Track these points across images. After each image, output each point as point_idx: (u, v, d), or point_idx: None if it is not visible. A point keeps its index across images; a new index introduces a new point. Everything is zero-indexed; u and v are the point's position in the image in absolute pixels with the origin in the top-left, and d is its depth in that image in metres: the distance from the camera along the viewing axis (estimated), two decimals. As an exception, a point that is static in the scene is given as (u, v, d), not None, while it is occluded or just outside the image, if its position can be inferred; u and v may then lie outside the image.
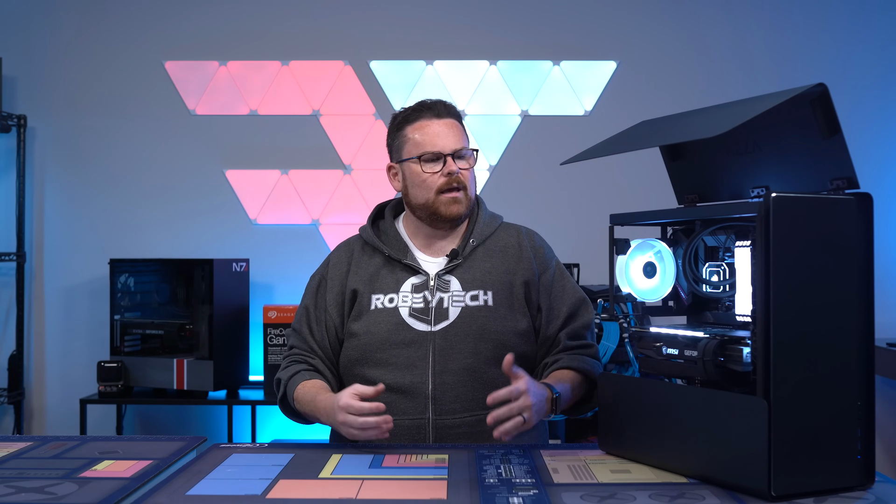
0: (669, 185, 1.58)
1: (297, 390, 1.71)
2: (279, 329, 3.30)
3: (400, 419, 1.67)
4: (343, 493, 1.23)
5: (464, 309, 1.72)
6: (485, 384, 1.68)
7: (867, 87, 3.57)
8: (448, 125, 1.77)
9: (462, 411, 1.68)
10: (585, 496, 1.20)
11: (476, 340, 1.70)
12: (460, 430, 1.68)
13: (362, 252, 1.82)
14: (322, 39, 3.65)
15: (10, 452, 1.48)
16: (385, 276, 1.77)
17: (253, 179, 3.65)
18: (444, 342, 1.70)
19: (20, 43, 3.64)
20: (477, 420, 1.67)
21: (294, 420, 1.79)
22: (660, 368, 1.38)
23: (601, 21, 3.63)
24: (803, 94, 1.22)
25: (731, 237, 1.39)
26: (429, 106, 1.80)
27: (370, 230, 1.83)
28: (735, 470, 1.21)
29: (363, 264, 1.80)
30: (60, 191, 3.67)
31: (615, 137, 1.52)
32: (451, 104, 1.82)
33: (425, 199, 1.76)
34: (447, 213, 1.75)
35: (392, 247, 1.80)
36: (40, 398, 3.65)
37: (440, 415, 1.68)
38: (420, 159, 1.75)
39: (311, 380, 1.73)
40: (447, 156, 1.74)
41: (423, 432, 1.68)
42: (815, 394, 1.18)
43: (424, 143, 1.75)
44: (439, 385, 1.68)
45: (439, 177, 1.74)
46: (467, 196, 1.76)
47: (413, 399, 1.68)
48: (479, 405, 1.65)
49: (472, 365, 1.69)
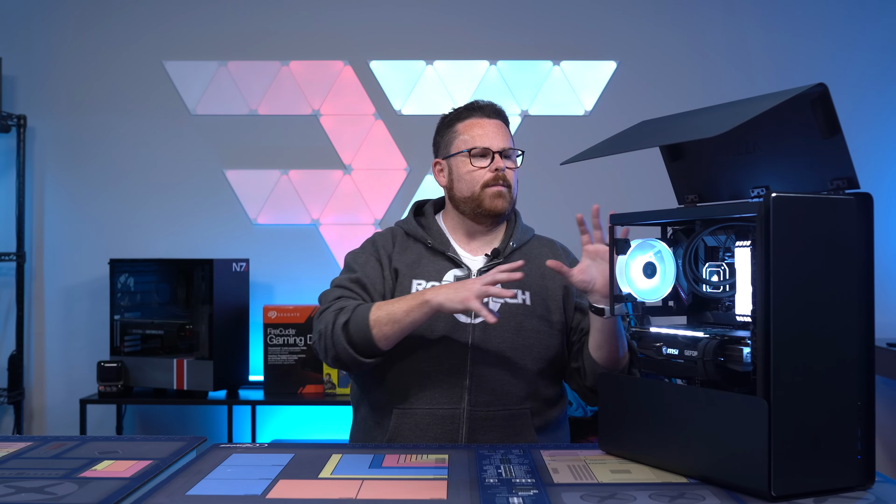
0: (669, 185, 1.59)
1: (374, 306, 1.67)
2: (279, 329, 3.30)
3: (433, 408, 1.71)
4: (343, 493, 1.23)
5: (503, 305, 1.77)
6: (520, 380, 1.75)
7: (867, 87, 3.57)
8: (497, 125, 1.85)
9: (496, 404, 1.72)
10: (585, 496, 1.20)
11: (514, 336, 1.75)
12: (493, 423, 1.72)
13: (405, 239, 1.87)
14: (322, 39, 3.65)
15: (10, 452, 1.48)
16: (427, 264, 1.81)
17: (253, 179, 3.64)
18: (482, 335, 1.74)
19: (20, 43, 3.64)
20: (510, 414, 1.73)
21: (348, 351, 1.66)
22: (660, 368, 1.38)
23: (601, 21, 3.64)
24: (803, 94, 1.22)
25: (731, 237, 1.39)
26: (480, 106, 1.87)
27: (413, 221, 1.88)
28: (735, 470, 1.21)
29: (406, 250, 1.84)
30: (60, 191, 3.67)
31: (615, 137, 1.52)
32: (501, 108, 1.90)
33: (471, 192, 1.82)
34: (491, 207, 1.81)
35: (435, 238, 1.85)
36: (40, 398, 3.65)
37: (475, 406, 1.72)
38: (469, 153, 1.81)
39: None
40: (495, 153, 1.81)
41: (457, 422, 1.71)
42: (815, 394, 1.18)
43: (475, 139, 1.82)
44: (476, 377, 1.72)
45: (486, 172, 1.80)
46: (511, 194, 1.83)
47: (449, 389, 1.72)
48: (513, 400, 1.74)
49: (508, 359, 1.74)
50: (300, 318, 3.31)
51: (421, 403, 1.73)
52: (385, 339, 1.64)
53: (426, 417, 1.71)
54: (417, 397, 1.73)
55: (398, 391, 1.75)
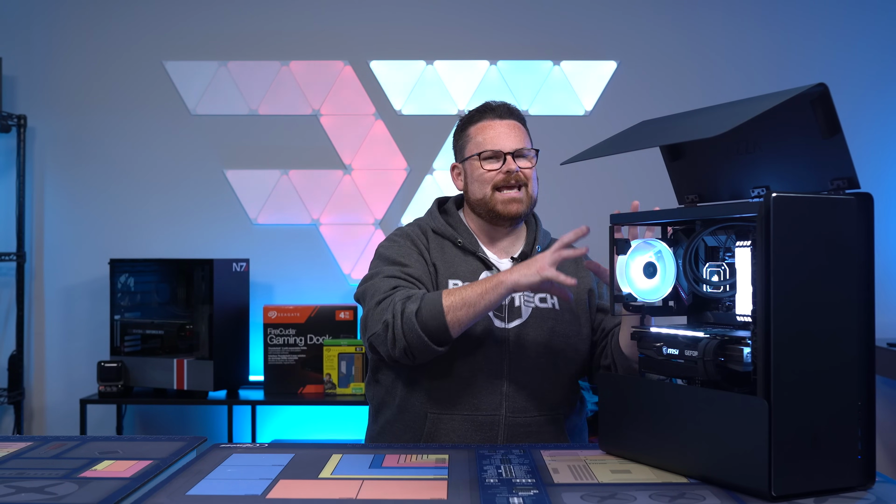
0: (669, 185, 1.58)
1: (444, 292, 1.61)
2: (279, 329, 3.30)
3: (473, 414, 1.70)
4: (343, 493, 1.23)
5: (534, 309, 1.77)
6: (554, 385, 1.75)
7: (867, 87, 3.57)
8: (510, 126, 1.83)
9: (533, 410, 1.73)
10: (586, 496, 1.20)
11: (547, 340, 1.75)
12: (530, 430, 1.72)
13: (435, 237, 1.84)
14: (322, 39, 3.65)
15: (10, 452, 1.48)
16: (460, 264, 1.79)
17: (253, 179, 3.64)
18: (517, 340, 1.74)
19: (20, 43, 3.64)
20: (546, 419, 1.74)
21: (422, 339, 1.59)
22: (660, 368, 1.38)
23: (601, 21, 3.63)
24: (803, 94, 1.22)
25: (731, 237, 1.39)
26: (492, 108, 1.85)
27: (441, 219, 1.86)
28: (735, 470, 1.21)
29: (439, 248, 1.82)
30: (60, 191, 3.67)
31: (615, 137, 1.52)
32: (514, 107, 1.88)
33: (482, 194, 1.80)
34: (504, 212, 1.80)
35: (464, 238, 1.83)
36: (40, 398, 3.65)
37: (513, 412, 1.71)
38: (480, 157, 1.80)
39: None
40: (507, 154, 1.79)
41: (496, 429, 1.71)
42: (816, 394, 1.18)
43: (485, 141, 1.81)
44: (513, 383, 1.72)
45: (497, 174, 1.79)
46: (528, 194, 1.82)
47: (488, 396, 1.71)
48: (548, 405, 1.74)
49: (543, 365, 1.74)
50: (300, 318, 3.31)
51: (460, 409, 1.71)
52: (459, 325, 1.59)
53: (465, 423, 1.70)
54: (457, 403, 1.71)
55: (436, 396, 1.72)
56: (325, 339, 3.31)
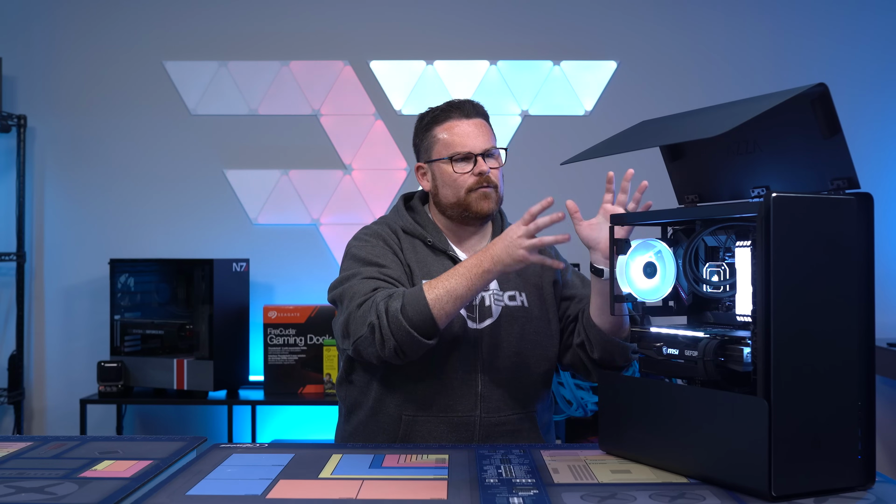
0: (669, 185, 1.59)
1: (425, 286, 1.59)
2: (279, 329, 3.30)
3: (448, 416, 1.69)
4: (343, 493, 1.23)
5: (504, 308, 1.75)
6: (527, 383, 1.74)
7: (867, 87, 3.57)
8: (477, 125, 1.78)
9: (507, 409, 1.72)
10: (586, 496, 1.20)
11: (518, 340, 1.74)
12: (505, 428, 1.71)
13: (406, 236, 1.80)
14: (322, 39, 3.65)
15: (10, 452, 1.48)
16: (433, 264, 1.76)
17: (253, 179, 3.64)
18: (490, 339, 1.72)
19: (20, 43, 3.64)
20: (519, 418, 1.73)
21: (412, 335, 1.57)
22: (660, 368, 1.38)
23: (601, 21, 3.63)
24: (804, 94, 1.22)
25: (731, 237, 1.39)
26: (457, 105, 1.80)
27: (409, 218, 1.82)
28: (735, 470, 1.21)
29: (410, 248, 1.78)
30: (60, 191, 3.67)
31: (615, 137, 1.52)
32: (479, 103, 1.82)
33: (456, 197, 1.76)
34: (478, 209, 1.76)
35: (433, 236, 1.80)
36: (40, 398, 3.65)
37: (489, 412, 1.70)
38: (451, 160, 1.76)
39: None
40: (477, 155, 1.75)
41: (472, 430, 1.70)
42: (816, 394, 1.18)
43: (454, 143, 1.76)
44: (487, 383, 1.71)
45: (470, 176, 1.75)
46: (497, 193, 1.79)
47: (463, 397, 1.70)
48: (521, 404, 1.74)
49: (515, 364, 1.73)
50: (300, 318, 3.31)
51: (435, 411, 1.70)
52: (446, 317, 1.57)
53: (440, 425, 1.69)
54: (432, 405, 1.70)
55: (411, 398, 1.70)
56: (325, 339, 3.31)
